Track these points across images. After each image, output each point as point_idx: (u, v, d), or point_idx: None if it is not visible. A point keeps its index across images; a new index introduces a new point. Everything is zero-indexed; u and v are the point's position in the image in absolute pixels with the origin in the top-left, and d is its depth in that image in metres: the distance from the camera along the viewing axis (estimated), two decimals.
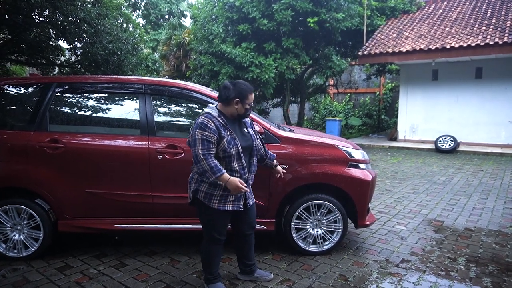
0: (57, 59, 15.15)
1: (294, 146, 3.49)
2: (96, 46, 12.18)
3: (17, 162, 3.36)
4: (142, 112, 3.44)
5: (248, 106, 2.71)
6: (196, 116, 3.68)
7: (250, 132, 2.84)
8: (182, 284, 3.00)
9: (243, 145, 2.73)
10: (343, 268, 3.31)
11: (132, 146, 3.37)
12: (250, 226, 2.97)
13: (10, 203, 3.36)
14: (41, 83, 3.56)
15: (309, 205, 3.48)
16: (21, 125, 3.48)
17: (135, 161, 3.34)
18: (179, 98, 3.57)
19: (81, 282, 3.05)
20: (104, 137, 3.41)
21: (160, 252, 3.62)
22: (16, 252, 3.42)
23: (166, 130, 3.54)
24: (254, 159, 2.84)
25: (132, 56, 13.57)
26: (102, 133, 3.45)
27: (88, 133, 3.43)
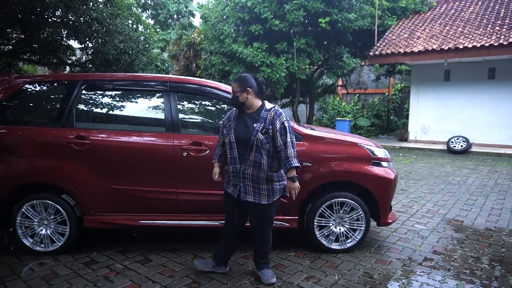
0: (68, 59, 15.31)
1: (317, 144, 3.51)
2: (108, 45, 12.30)
3: (44, 158, 3.41)
4: (166, 109, 3.48)
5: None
6: (219, 113, 3.73)
7: (256, 127, 2.75)
8: (209, 280, 3.02)
9: (237, 137, 2.79)
10: (367, 265, 3.32)
11: (158, 143, 3.41)
12: (252, 224, 2.98)
13: (37, 198, 3.41)
14: (68, 80, 3.61)
15: (332, 202, 3.49)
16: (48, 122, 3.53)
17: (160, 158, 3.37)
18: (203, 95, 3.61)
19: (109, 276, 3.08)
20: (130, 134, 3.45)
21: (183, 248, 3.65)
22: (43, 247, 3.47)
23: (191, 127, 3.57)
24: (253, 154, 2.74)
25: (143, 55, 13.68)
26: (127, 130, 3.49)
27: (114, 130, 3.48)
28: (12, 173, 3.42)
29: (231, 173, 2.88)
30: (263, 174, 2.76)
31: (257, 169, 2.76)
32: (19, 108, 3.64)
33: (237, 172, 2.81)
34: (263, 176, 2.77)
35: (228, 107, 3.60)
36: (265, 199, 2.81)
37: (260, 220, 2.91)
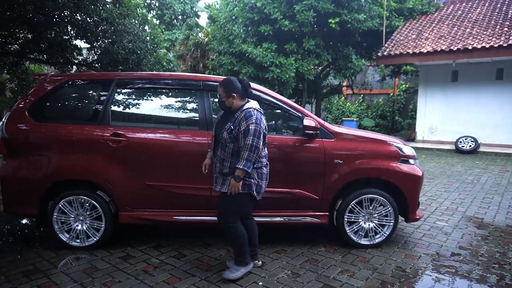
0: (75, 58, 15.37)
1: (348, 141, 3.59)
2: (116, 45, 12.37)
3: (81, 155, 3.47)
4: (200, 107, 3.56)
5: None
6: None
7: (226, 126, 2.86)
8: (247, 274, 3.10)
9: (215, 133, 2.98)
10: (397, 260, 3.40)
11: (192, 141, 3.49)
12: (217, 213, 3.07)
13: (73, 194, 3.48)
14: (103, 78, 3.68)
15: (362, 199, 3.58)
16: (85, 119, 3.60)
17: (195, 155, 3.43)
18: None
19: (148, 270, 3.16)
20: (164, 131, 3.53)
21: (214, 244, 3.73)
22: (79, 242, 3.54)
23: None
24: (220, 150, 2.89)
25: (151, 55, 13.75)
26: (162, 128, 3.56)
27: (149, 128, 3.55)
28: (49, 169, 3.48)
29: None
30: (225, 170, 2.89)
31: (222, 165, 2.91)
32: (55, 106, 3.71)
33: (214, 164, 3.00)
34: (226, 171, 2.89)
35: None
36: (225, 188, 2.89)
37: (221, 210, 3.00)
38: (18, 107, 3.60)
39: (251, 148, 2.73)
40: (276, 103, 3.61)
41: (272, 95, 3.63)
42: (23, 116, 3.55)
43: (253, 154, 2.74)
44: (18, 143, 3.53)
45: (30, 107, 3.57)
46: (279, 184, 3.52)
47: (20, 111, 3.57)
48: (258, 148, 2.76)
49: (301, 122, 3.53)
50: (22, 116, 3.55)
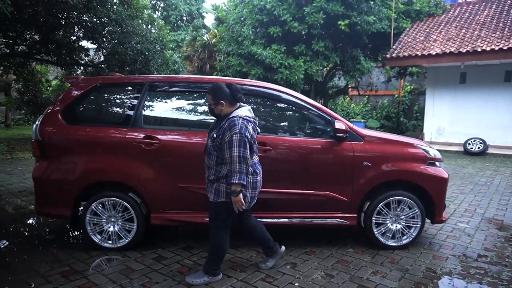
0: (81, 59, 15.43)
1: (376, 144, 3.65)
2: (125, 46, 12.43)
3: (114, 158, 3.53)
4: None
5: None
6: (281, 115, 3.87)
7: (212, 133, 2.84)
8: (281, 275, 3.15)
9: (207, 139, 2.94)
10: (426, 261, 3.45)
11: None
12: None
13: (106, 196, 3.53)
14: (134, 81, 3.73)
15: (390, 201, 3.63)
16: (117, 122, 3.65)
17: None
18: (264, 97, 3.74)
19: (183, 271, 3.21)
20: (196, 134, 3.57)
21: (244, 245, 3.77)
22: (111, 243, 3.59)
23: None
24: (206, 157, 2.88)
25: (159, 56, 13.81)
26: (193, 131, 3.61)
27: (181, 130, 3.60)
28: (82, 171, 3.53)
29: None
30: (211, 176, 2.86)
31: (208, 171, 2.91)
32: (88, 109, 3.77)
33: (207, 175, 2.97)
34: (212, 178, 2.87)
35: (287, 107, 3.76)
36: (212, 196, 2.88)
37: (210, 215, 2.99)
38: (51, 110, 3.65)
39: (240, 160, 2.64)
40: (306, 106, 3.66)
41: (302, 99, 3.69)
42: (56, 118, 3.60)
43: (243, 165, 2.67)
44: (52, 146, 3.58)
45: (63, 110, 3.63)
46: (308, 187, 3.59)
47: (53, 114, 3.62)
48: (246, 157, 2.68)
49: (329, 124, 3.59)
50: (55, 119, 3.60)
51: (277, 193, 3.56)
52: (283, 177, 3.58)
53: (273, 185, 3.54)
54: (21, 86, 15.97)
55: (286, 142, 3.58)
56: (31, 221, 4.58)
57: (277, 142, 3.54)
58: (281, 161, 3.55)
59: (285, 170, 3.57)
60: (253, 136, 2.79)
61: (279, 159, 3.53)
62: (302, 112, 3.74)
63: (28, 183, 6.46)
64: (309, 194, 3.59)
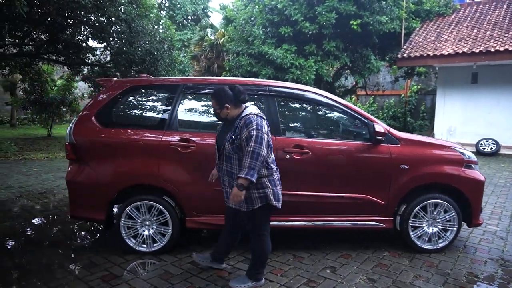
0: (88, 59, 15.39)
1: (413, 147, 3.62)
2: (134, 46, 12.39)
3: (149, 160, 3.49)
4: (267, 113, 3.56)
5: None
6: (317, 117, 3.84)
7: (227, 137, 2.76)
8: (323, 279, 3.12)
9: (217, 145, 2.89)
10: (465, 265, 3.42)
11: None
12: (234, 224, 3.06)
13: (142, 199, 3.49)
14: (169, 84, 3.70)
15: (427, 204, 3.60)
16: (152, 125, 3.62)
17: None
18: (301, 100, 3.71)
19: (224, 276, 3.17)
20: None
21: (279, 248, 3.73)
22: (145, 247, 3.55)
23: (291, 130, 3.66)
24: (225, 163, 2.79)
25: (167, 56, 13.77)
26: None
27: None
28: (117, 175, 3.50)
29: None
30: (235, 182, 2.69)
31: (230, 178, 2.79)
32: (122, 112, 3.73)
33: (221, 178, 2.92)
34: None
35: (324, 109, 3.73)
36: (244, 206, 2.76)
37: (247, 224, 2.90)
38: (85, 112, 3.61)
39: (253, 155, 2.57)
40: (342, 108, 3.63)
41: (338, 101, 3.66)
42: (90, 121, 3.56)
43: (255, 161, 2.57)
44: (86, 149, 3.54)
45: (97, 112, 3.59)
46: (345, 190, 3.56)
47: (87, 116, 3.58)
48: (261, 154, 2.58)
49: (366, 127, 3.56)
50: (89, 121, 3.56)
51: (313, 197, 3.53)
52: (320, 180, 3.55)
53: (310, 188, 3.52)
54: (27, 86, 15.90)
55: (324, 145, 3.55)
56: (59, 223, 4.54)
57: (314, 145, 3.50)
58: (318, 164, 3.51)
59: (322, 173, 3.54)
60: (268, 132, 2.74)
61: (316, 162, 3.50)
62: (338, 115, 3.71)
63: (46, 185, 6.42)
64: (346, 197, 3.56)
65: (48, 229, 4.36)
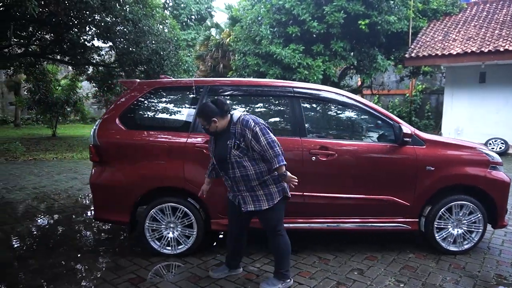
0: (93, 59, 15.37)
1: (438, 148, 3.60)
2: (140, 45, 12.36)
3: (174, 162, 3.47)
4: (292, 114, 3.55)
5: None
6: (342, 119, 3.83)
7: (229, 145, 2.77)
8: (352, 282, 3.10)
9: (217, 158, 2.89)
10: (492, 267, 3.40)
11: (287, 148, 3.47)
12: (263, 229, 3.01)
13: (166, 202, 3.47)
14: (194, 85, 3.67)
15: (452, 205, 3.58)
16: (177, 126, 3.60)
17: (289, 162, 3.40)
18: (326, 101, 3.69)
19: (251, 278, 3.16)
20: None
21: (302, 250, 3.73)
22: (170, 249, 3.54)
23: (316, 132, 3.64)
24: (236, 170, 2.78)
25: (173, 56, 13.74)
26: None
27: None
28: (142, 177, 3.47)
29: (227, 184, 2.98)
30: (255, 182, 2.78)
31: (247, 181, 2.80)
32: (145, 113, 3.71)
33: (231, 187, 2.93)
34: (256, 184, 2.80)
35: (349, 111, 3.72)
36: (265, 204, 2.81)
37: (266, 225, 2.93)
38: (109, 114, 3.59)
39: (271, 145, 2.67)
40: (368, 110, 3.62)
41: (364, 103, 3.64)
42: (114, 123, 3.54)
43: (276, 148, 2.68)
44: (110, 151, 3.52)
45: (121, 114, 3.57)
46: (370, 191, 3.54)
47: (111, 118, 3.56)
48: (275, 140, 2.71)
49: (391, 128, 3.55)
50: (113, 123, 3.54)
51: (339, 198, 3.52)
52: (346, 182, 3.53)
53: (335, 190, 3.51)
54: (32, 86, 15.88)
55: (349, 146, 3.53)
56: (79, 225, 4.53)
57: (340, 147, 3.49)
58: (344, 166, 3.50)
59: (348, 174, 3.52)
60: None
61: (342, 164, 3.48)
62: (363, 116, 3.70)
63: (60, 186, 6.41)
64: (371, 199, 3.54)
65: (69, 231, 4.34)
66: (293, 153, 3.44)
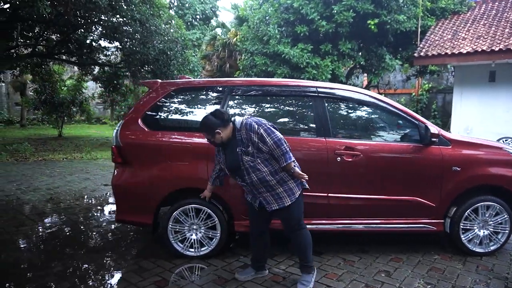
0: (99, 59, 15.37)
1: (464, 148, 3.56)
2: (147, 45, 12.34)
3: (198, 164, 3.43)
4: (316, 114, 3.51)
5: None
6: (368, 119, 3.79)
7: (239, 151, 2.79)
8: (380, 284, 3.06)
9: (230, 167, 2.92)
10: None
11: (308, 148, 3.44)
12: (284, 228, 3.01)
13: (190, 203, 3.44)
14: (217, 85, 3.65)
15: (478, 206, 3.54)
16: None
17: (311, 163, 3.38)
18: (350, 101, 3.65)
19: (278, 280, 3.12)
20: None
21: (327, 252, 3.69)
22: (193, 251, 3.51)
23: (341, 132, 3.59)
24: (252, 175, 2.79)
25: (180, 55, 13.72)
26: None
27: None
28: (165, 178, 3.44)
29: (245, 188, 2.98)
30: (272, 182, 2.80)
31: (265, 182, 2.81)
32: (168, 114, 3.67)
33: (250, 191, 2.93)
34: (274, 183, 2.81)
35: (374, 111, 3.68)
36: (288, 200, 2.83)
37: (289, 221, 2.93)
38: (131, 115, 3.57)
39: (277, 144, 2.69)
40: (393, 110, 3.58)
41: (389, 103, 3.61)
42: (137, 124, 3.51)
43: (283, 146, 2.70)
44: (133, 152, 3.49)
45: (143, 115, 3.54)
46: (395, 192, 3.50)
47: (133, 119, 3.53)
48: (282, 138, 2.72)
49: (416, 128, 3.50)
50: (135, 124, 3.51)
51: (364, 199, 3.48)
52: (371, 182, 3.49)
53: (361, 191, 3.47)
54: (38, 86, 15.88)
55: (375, 147, 3.49)
56: (98, 227, 4.50)
57: (365, 147, 3.45)
58: (369, 167, 3.45)
59: (373, 175, 3.48)
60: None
61: (367, 164, 3.44)
62: (388, 116, 3.65)
63: (74, 186, 6.39)
64: (396, 200, 3.50)
65: (88, 232, 4.31)
66: (318, 153, 3.41)
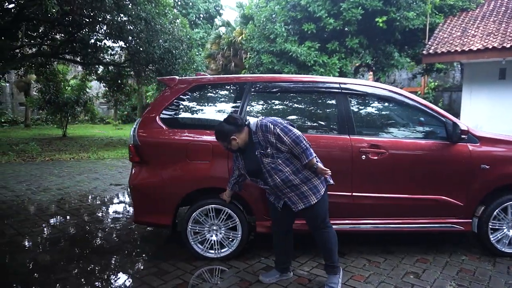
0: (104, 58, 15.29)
1: (493, 146, 3.45)
2: (153, 44, 12.25)
3: (219, 163, 3.32)
4: (340, 111, 3.40)
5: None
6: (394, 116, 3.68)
7: (258, 155, 2.73)
8: (410, 286, 2.96)
9: (250, 171, 2.84)
10: None
11: (331, 146, 3.33)
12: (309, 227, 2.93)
13: (210, 203, 3.33)
14: (237, 82, 3.54)
15: (508, 205, 3.43)
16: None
17: (334, 162, 3.26)
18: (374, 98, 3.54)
19: (303, 283, 3.02)
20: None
21: (349, 252, 3.59)
22: (213, 252, 3.41)
23: (366, 130, 3.48)
24: (274, 177, 2.72)
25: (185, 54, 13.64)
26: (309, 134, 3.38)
27: None
28: (185, 178, 3.34)
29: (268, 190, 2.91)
30: (296, 181, 2.73)
31: (289, 182, 2.73)
32: (187, 112, 3.57)
33: (274, 193, 2.86)
34: (298, 181, 2.73)
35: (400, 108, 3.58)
36: (313, 198, 2.75)
37: (313, 220, 2.85)
38: (149, 113, 3.46)
39: (296, 141, 2.62)
40: (419, 107, 3.48)
41: (415, 99, 3.50)
42: (155, 122, 3.41)
43: (303, 143, 2.63)
44: (151, 151, 3.39)
45: (161, 113, 3.44)
46: (422, 191, 3.39)
47: (151, 117, 3.43)
48: (300, 135, 2.64)
49: (442, 125, 3.39)
50: (153, 122, 3.41)
51: (389, 198, 3.37)
52: (396, 181, 3.38)
53: (387, 190, 3.36)
54: (42, 86, 15.81)
55: (401, 144, 3.38)
56: (112, 228, 4.40)
57: (391, 145, 3.34)
58: (395, 165, 3.34)
59: (399, 174, 3.37)
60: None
61: (392, 162, 3.33)
62: (414, 113, 3.55)
63: (84, 186, 6.29)
64: (423, 199, 3.39)
65: (103, 233, 4.21)
66: (342, 151, 3.30)
